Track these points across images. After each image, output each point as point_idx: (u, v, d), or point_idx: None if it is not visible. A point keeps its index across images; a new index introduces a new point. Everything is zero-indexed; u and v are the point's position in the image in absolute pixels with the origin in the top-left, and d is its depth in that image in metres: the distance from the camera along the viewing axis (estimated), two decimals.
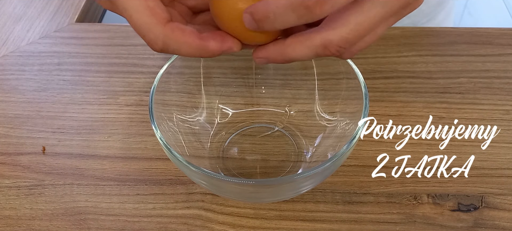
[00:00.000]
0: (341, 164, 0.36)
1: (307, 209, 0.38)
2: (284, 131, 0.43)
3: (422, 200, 0.38)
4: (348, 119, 0.39)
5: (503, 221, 0.37)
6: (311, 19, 0.25)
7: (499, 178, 0.40)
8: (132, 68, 0.50)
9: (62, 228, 0.38)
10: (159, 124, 0.35)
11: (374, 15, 0.26)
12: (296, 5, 0.25)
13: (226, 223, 0.38)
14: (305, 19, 0.25)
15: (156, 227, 0.38)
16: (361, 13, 0.26)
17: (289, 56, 0.28)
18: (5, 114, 0.47)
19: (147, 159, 0.42)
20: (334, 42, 0.26)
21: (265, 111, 0.44)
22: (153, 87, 0.36)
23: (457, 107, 0.45)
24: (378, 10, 0.26)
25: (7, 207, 0.40)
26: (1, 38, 0.55)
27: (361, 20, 0.26)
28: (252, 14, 0.26)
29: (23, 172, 0.42)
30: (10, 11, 0.59)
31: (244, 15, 0.27)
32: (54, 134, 0.45)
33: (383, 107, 0.45)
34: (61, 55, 0.52)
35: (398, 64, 0.49)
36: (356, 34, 0.26)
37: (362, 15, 0.26)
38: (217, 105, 0.44)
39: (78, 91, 0.48)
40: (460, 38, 0.51)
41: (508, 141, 0.42)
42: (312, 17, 0.25)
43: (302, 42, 0.27)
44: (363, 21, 0.26)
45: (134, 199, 0.40)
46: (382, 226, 0.37)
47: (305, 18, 0.25)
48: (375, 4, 0.26)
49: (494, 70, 0.48)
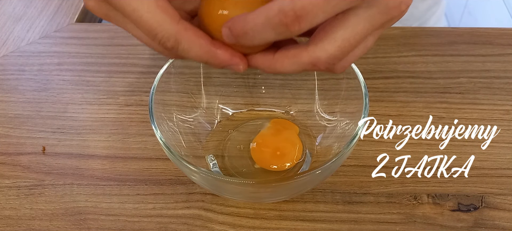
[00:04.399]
0: (341, 164, 0.36)
1: (307, 209, 0.38)
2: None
3: (422, 200, 0.38)
4: (348, 118, 0.39)
5: (503, 221, 0.37)
6: (290, 35, 0.25)
7: (499, 178, 0.40)
8: (132, 68, 0.50)
9: (62, 228, 0.38)
10: (159, 124, 0.35)
11: (360, 30, 0.26)
12: (274, 23, 0.25)
13: (226, 223, 0.38)
14: (285, 35, 0.25)
15: (156, 227, 0.38)
16: (347, 29, 0.26)
17: (278, 70, 0.28)
18: (5, 115, 0.47)
19: (147, 159, 0.42)
20: (322, 59, 0.26)
21: (265, 112, 0.44)
22: (153, 87, 0.36)
23: (457, 107, 0.45)
24: (364, 25, 0.26)
25: (7, 207, 0.40)
26: (1, 38, 0.55)
27: (348, 35, 0.26)
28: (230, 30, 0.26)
29: (23, 172, 0.42)
30: (10, 11, 0.59)
31: (223, 29, 0.27)
32: (54, 134, 0.45)
33: (383, 107, 0.45)
34: (61, 55, 0.52)
35: (398, 64, 0.49)
36: (344, 50, 0.26)
37: (348, 31, 0.26)
38: (217, 105, 0.44)
39: (78, 91, 0.48)
40: (460, 38, 0.51)
41: (508, 141, 0.42)
42: (291, 34, 0.25)
43: (290, 59, 0.27)
44: (350, 37, 0.26)
45: (134, 199, 0.40)
46: (382, 226, 0.37)
47: (284, 35, 0.25)
48: (360, 19, 0.26)
49: (494, 70, 0.48)
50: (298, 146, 0.40)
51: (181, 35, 0.26)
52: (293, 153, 0.40)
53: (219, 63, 0.28)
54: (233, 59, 0.28)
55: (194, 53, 0.27)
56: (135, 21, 0.26)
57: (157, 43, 0.27)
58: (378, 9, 0.25)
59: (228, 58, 0.27)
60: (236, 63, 0.28)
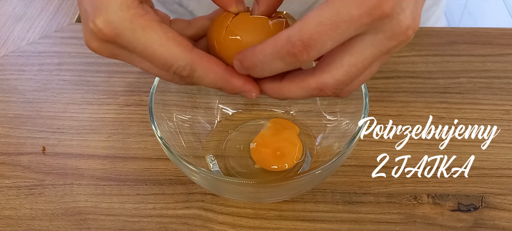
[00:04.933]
0: (341, 164, 0.36)
1: (307, 209, 0.38)
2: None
3: (422, 200, 0.38)
4: (348, 118, 0.39)
5: (503, 221, 0.37)
6: (299, 65, 0.25)
7: (499, 178, 0.40)
8: (132, 68, 0.50)
9: (62, 228, 0.38)
10: (159, 124, 0.35)
11: (367, 56, 0.26)
12: (282, 54, 0.25)
13: (226, 223, 0.38)
14: (294, 65, 0.25)
15: (156, 227, 0.38)
16: (354, 54, 0.26)
17: (285, 96, 0.28)
18: (5, 115, 0.47)
19: (147, 159, 0.42)
20: (329, 85, 0.26)
21: (265, 111, 0.44)
22: (153, 87, 0.36)
23: (457, 107, 0.45)
24: (371, 51, 0.26)
25: (7, 207, 0.40)
26: (1, 38, 0.55)
27: (355, 61, 0.26)
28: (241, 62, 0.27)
29: (23, 172, 0.42)
30: (10, 11, 0.59)
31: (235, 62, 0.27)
32: (54, 134, 0.45)
33: (383, 107, 0.45)
34: (61, 55, 0.52)
35: (398, 64, 0.49)
36: (350, 75, 0.26)
37: (355, 57, 0.26)
38: (217, 105, 0.44)
39: (78, 91, 0.48)
40: (460, 38, 0.51)
41: (508, 141, 0.42)
42: (300, 63, 0.25)
43: (297, 84, 0.27)
44: (356, 63, 0.26)
45: (134, 199, 0.40)
46: (382, 226, 0.37)
47: (293, 65, 0.25)
48: (367, 45, 0.25)
49: (494, 70, 0.48)
50: (298, 146, 0.40)
51: (196, 64, 0.27)
52: (293, 153, 0.40)
53: (232, 90, 0.28)
54: (246, 86, 0.28)
55: (208, 80, 0.27)
56: (149, 57, 0.26)
57: (171, 74, 0.27)
58: (385, 35, 0.25)
59: (241, 84, 0.28)
60: (249, 90, 0.28)
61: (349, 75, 0.26)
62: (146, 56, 0.26)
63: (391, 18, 0.24)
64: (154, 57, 0.26)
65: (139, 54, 0.26)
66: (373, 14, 0.24)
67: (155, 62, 0.26)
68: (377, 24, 0.24)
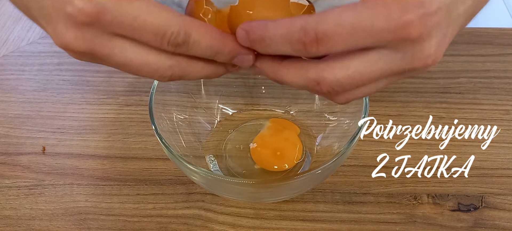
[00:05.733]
0: (341, 164, 0.36)
1: (307, 209, 0.38)
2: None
3: (422, 200, 0.38)
4: (348, 118, 0.39)
5: (503, 221, 0.37)
6: (305, 55, 0.25)
7: (499, 178, 0.40)
8: None
9: (62, 228, 0.38)
10: (159, 124, 0.35)
11: (377, 69, 0.25)
12: (293, 39, 0.24)
13: (226, 223, 0.38)
14: (300, 53, 0.24)
15: (156, 227, 0.38)
16: (363, 62, 0.24)
17: (281, 77, 0.27)
18: (5, 115, 0.47)
19: (147, 159, 0.42)
20: (327, 81, 0.25)
21: (265, 111, 0.44)
22: (153, 87, 0.36)
23: (457, 107, 0.45)
24: (383, 66, 0.24)
25: (7, 207, 0.40)
26: (1, 38, 0.55)
27: (362, 69, 0.25)
28: (247, 33, 0.25)
29: (23, 172, 0.42)
30: (10, 11, 0.59)
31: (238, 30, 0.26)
32: (54, 134, 0.45)
33: (383, 107, 0.45)
34: (61, 55, 0.52)
35: None
36: (352, 81, 0.25)
37: (364, 65, 0.25)
38: (217, 105, 0.44)
39: (78, 91, 0.48)
40: (460, 38, 0.51)
41: (508, 141, 0.42)
42: (306, 54, 0.24)
43: (296, 70, 0.26)
44: (363, 71, 0.25)
45: (134, 199, 0.40)
46: (382, 226, 0.37)
47: (299, 53, 0.24)
48: (381, 58, 0.24)
49: (494, 70, 0.48)
50: (298, 146, 0.40)
51: (190, 27, 0.25)
52: (293, 153, 0.40)
53: (229, 52, 0.27)
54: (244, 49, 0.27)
55: (205, 43, 0.26)
56: (139, 29, 0.24)
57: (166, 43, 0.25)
58: (404, 55, 0.24)
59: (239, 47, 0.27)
60: (246, 53, 0.27)
61: (351, 81, 0.25)
62: (136, 28, 0.24)
63: (415, 42, 0.23)
64: (145, 28, 0.24)
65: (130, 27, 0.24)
66: (397, 33, 0.23)
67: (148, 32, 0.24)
68: (399, 44, 0.23)
